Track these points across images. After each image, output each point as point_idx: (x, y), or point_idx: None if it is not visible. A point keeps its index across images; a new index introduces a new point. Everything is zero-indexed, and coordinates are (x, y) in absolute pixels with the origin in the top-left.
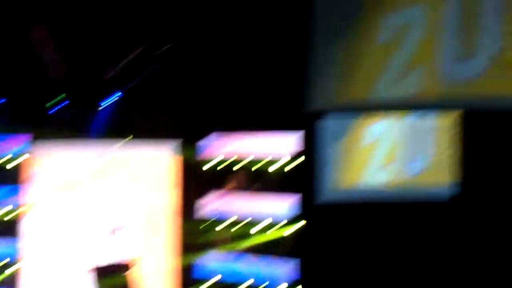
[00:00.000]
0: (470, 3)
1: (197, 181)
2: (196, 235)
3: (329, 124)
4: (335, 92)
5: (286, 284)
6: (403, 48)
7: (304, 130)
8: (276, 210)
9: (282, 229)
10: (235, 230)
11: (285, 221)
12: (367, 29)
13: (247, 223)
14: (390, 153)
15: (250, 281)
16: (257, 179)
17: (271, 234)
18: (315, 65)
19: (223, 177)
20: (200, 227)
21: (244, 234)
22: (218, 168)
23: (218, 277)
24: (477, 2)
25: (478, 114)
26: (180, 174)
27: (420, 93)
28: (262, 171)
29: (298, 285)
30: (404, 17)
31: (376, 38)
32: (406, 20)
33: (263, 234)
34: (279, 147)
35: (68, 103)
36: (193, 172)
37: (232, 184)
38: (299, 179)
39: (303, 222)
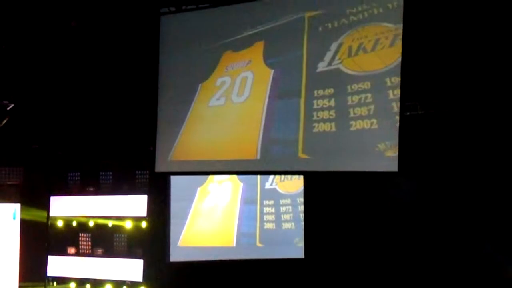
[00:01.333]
0: None
1: (39, 242)
2: None
3: (175, 185)
4: (177, 153)
5: None
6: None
7: (150, 191)
8: (120, 273)
9: None
10: None
11: (129, 283)
12: (204, 90)
13: (90, 285)
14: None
15: None
16: (102, 240)
17: None
18: (162, 124)
19: (67, 239)
20: None
21: None
22: (62, 229)
23: None
24: None
25: None
26: (21, 236)
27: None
28: (108, 232)
29: None
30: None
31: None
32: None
33: None
34: (126, 209)
35: None
36: (35, 234)
37: (76, 245)
38: (146, 240)
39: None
